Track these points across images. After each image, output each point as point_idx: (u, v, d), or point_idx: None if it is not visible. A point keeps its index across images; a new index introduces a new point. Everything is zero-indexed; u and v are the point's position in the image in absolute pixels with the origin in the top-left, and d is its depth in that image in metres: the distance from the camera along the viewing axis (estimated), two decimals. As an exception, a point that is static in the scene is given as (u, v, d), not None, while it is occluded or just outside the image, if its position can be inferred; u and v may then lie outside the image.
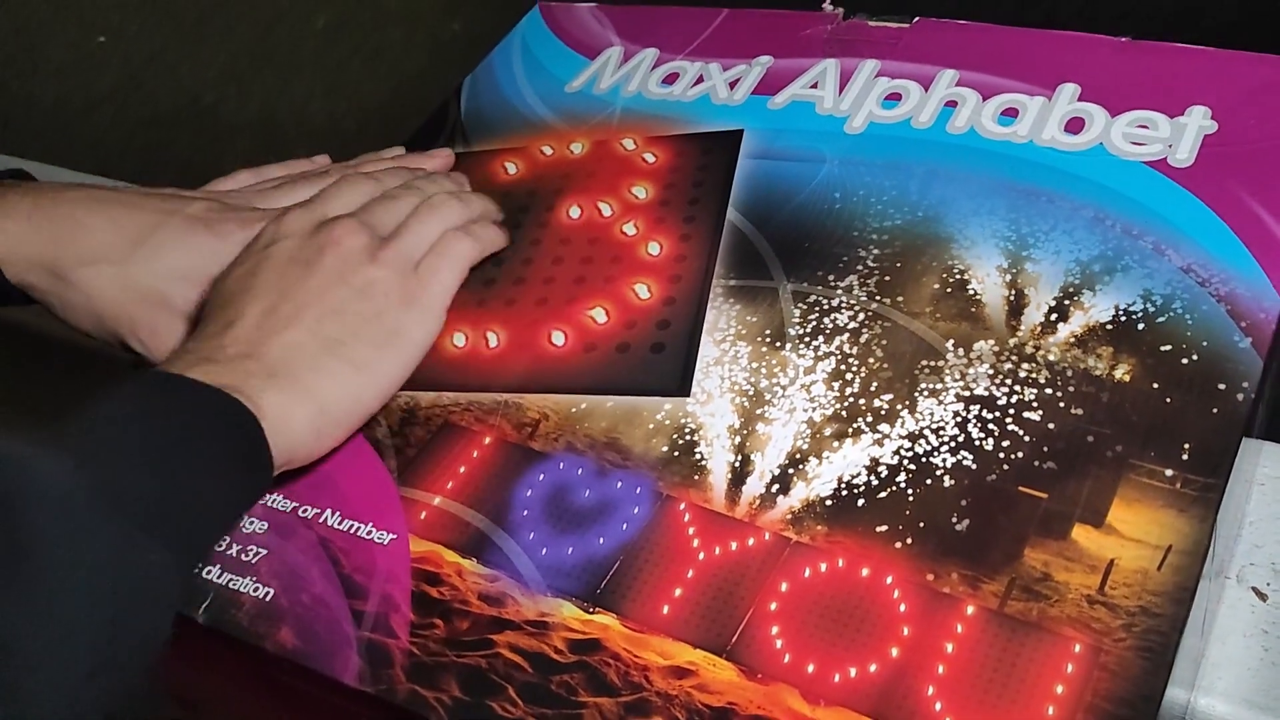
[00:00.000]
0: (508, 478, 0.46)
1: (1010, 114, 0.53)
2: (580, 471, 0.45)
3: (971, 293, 0.47)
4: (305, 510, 0.46)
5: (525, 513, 0.44)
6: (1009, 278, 0.47)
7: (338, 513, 0.46)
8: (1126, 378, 0.43)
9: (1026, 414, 0.43)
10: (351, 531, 0.45)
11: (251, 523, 0.46)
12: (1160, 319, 0.44)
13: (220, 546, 0.46)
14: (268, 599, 0.44)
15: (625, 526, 0.43)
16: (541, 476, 0.45)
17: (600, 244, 0.54)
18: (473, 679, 0.40)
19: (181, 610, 0.45)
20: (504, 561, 0.43)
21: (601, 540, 0.43)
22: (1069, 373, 0.43)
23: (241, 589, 0.45)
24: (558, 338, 0.50)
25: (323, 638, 0.43)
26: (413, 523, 0.45)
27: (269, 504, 0.47)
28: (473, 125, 0.63)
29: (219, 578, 0.45)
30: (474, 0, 0.72)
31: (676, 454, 0.45)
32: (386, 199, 0.52)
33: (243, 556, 0.46)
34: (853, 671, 0.38)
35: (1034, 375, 0.44)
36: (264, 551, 0.45)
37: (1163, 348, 0.43)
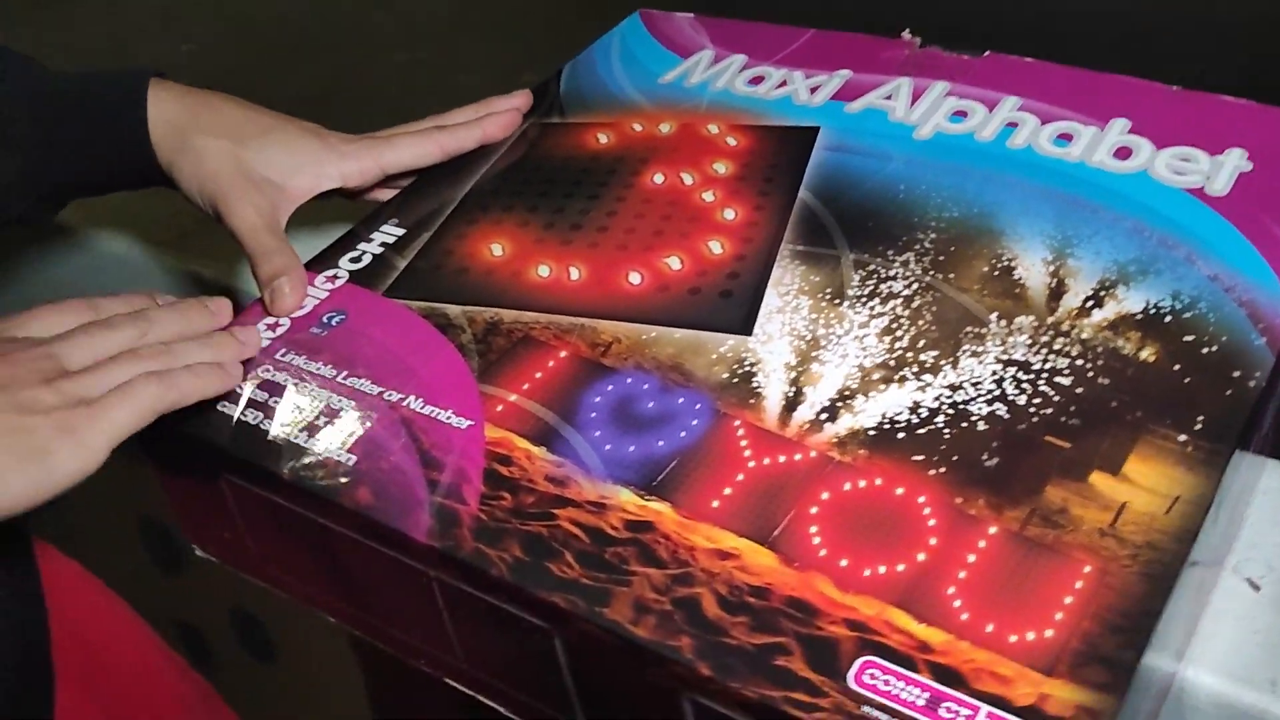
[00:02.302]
0: (579, 385, 0.50)
1: (1065, 138, 0.58)
2: (646, 387, 0.50)
3: (1017, 277, 0.52)
4: (390, 395, 0.51)
5: (593, 415, 0.49)
6: (1052, 269, 0.52)
7: (420, 399, 0.50)
8: (1151, 358, 0.47)
9: (1058, 379, 0.47)
10: (432, 415, 0.50)
11: (341, 400, 0.51)
12: (1186, 314, 0.49)
13: (311, 416, 0.50)
14: (350, 463, 0.48)
15: (683, 434, 0.47)
16: (610, 387, 0.50)
17: (680, 206, 0.59)
18: (534, 544, 0.44)
19: (269, 465, 0.49)
20: (570, 451, 0.47)
21: (661, 443, 0.47)
22: (1099, 349, 0.48)
23: (326, 453, 0.49)
24: (634, 278, 0.55)
25: (397, 499, 0.47)
26: (489, 413, 0.49)
27: (357, 387, 0.51)
28: (569, 102, 0.68)
29: (307, 441, 0.49)
30: (549, 56, 0.78)
31: (735, 381, 0.49)
32: (98, 329, 0.51)
33: (329, 426, 0.50)
34: (882, 569, 0.42)
35: (1067, 349, 0.48)
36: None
37: (1186, 338, 0.48)
